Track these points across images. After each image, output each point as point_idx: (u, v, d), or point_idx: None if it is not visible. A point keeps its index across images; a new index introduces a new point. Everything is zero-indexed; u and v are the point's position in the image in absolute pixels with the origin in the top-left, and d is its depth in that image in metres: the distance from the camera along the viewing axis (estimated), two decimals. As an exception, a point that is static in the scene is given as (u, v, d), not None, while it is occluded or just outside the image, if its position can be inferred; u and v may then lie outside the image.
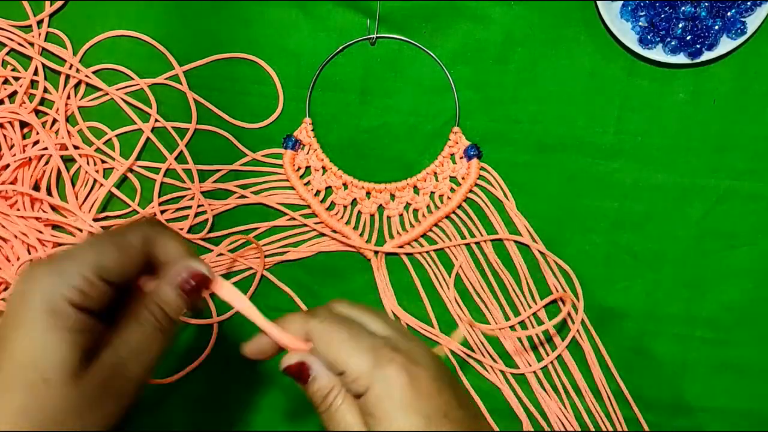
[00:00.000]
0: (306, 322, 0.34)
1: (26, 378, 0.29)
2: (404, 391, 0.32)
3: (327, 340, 0.33)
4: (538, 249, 0.52)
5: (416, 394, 0.32)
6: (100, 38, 0.52)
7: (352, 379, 0.32)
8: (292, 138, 0.53)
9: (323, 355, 0.33)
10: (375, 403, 0.32)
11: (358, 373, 0.32)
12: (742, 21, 0.48)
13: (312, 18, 0.52)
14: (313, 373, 0.34)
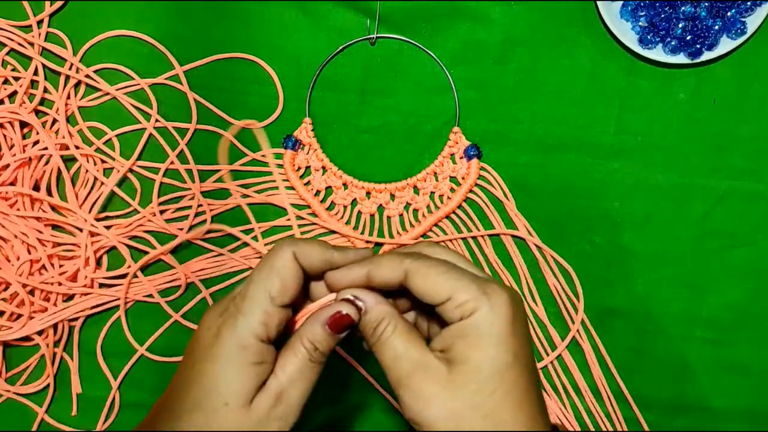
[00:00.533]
0: (401, 261, 0.35)
1: (210, 402, 0.34)
2: (505, 323, 0.33)
3: (426, 272, 0.34)
4: (534, 243, 0.52)
5: (513, 331, 0.33)
6: (100, 38, 0.52)
7: (459, 303, 0.33)
8: (292, 138, 0.53)
9: (423, 287, 0.34)
10: (475, 328, 0.33)
11: (468, 296, 0.33)
12: (742, 21, 0.48)
13: (312, 18, 0.52)
14: (365, 307, 0.36)
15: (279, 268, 0.35)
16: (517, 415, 0.33)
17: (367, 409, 0.55)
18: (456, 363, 0.33)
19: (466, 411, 0.32)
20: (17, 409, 0.55)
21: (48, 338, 0.54)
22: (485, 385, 0.32)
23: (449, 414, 0.32)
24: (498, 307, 0.33)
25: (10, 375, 0.55)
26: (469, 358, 0.33)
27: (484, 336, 0.33)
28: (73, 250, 0.53)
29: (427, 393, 0.33)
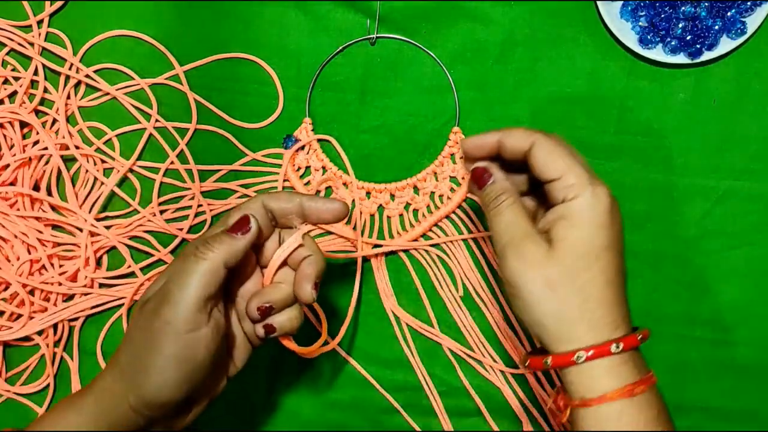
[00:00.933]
0: (531, 133, 0.39)
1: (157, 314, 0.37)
2: (603, 212, 0.36)
3: (550, 149, 0.38)
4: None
5: (609, 220, 0.36)
6: (100, 38, 0.52)
7: (568, 184, 0.37)
8: (292, 138, 0.53)
9: (543, 161, 0.38)
10: (577, 210, 0.36)
11: (576, 180, 0.37)
12: (742, 21, 0.48)
13: (312, 18, 0.52)
14: (492, 178, 0.40)
15: (252, 210, 0.39)
16: (605, 293, 0.36)
17: (367, 408, 0.55)
18: (556, 241, 0.37)
19: (559, 280, 0.36)
20: (17, 409, 0.55)
21: (48, 338, 0.54)
22: (579, 262, 0.36)
23: (544, 280, 0.36)
24: (599, 196, 0.36)
25: (10, 375, 0.55)
26: (567, 237, 0.36)
27: (584, 218, 0.36)
28: (73, 250, 0.53)
29: (529, 257, 0.36)
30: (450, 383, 0.54)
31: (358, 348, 0.54)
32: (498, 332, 0.53)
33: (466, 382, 0.54)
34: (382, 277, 0.54)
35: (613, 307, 0.36)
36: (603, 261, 0.36)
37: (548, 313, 0.36)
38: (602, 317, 0.36)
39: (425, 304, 0.54)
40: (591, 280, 0.36)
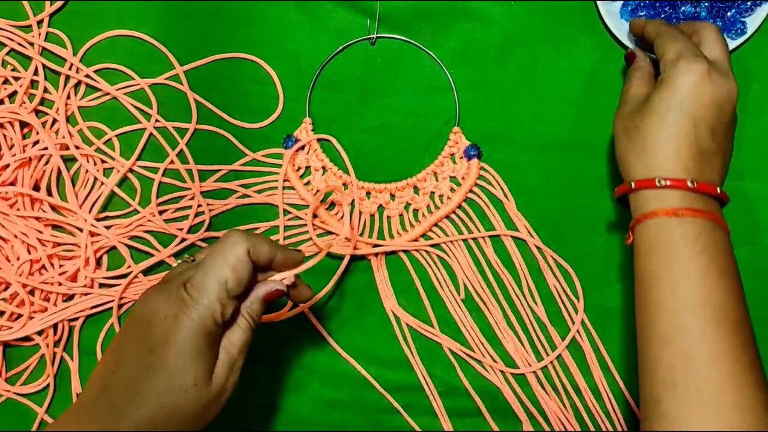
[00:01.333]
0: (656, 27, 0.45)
1: (179, 384, 0.37)
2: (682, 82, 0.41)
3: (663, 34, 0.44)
4: (535, 244, 0.52)
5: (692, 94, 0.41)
6: (100, 38, 0.52)
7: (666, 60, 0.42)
8: (292, 138, 0.53)
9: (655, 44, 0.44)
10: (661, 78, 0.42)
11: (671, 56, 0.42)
12: (742, 21, 0.48)
13: (312, 18, 0.52)
14: (636, 59, 0.47)
15: (234, 262, 0.38)
16: (664, 144, 0.41)
17: (367, 408, 0.55)
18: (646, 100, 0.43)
19: (628, 129, 0.43)
20: (17, 409, 0.55)
21: (48, 338, 0.54)
22: (648, 117, 0.41)
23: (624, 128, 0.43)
24: (683, 70, 0.41)
25: (10, 375, 0.55)
26: (651, 98, 0.42)
27: (661, 84, 0.42)
28: (73, 250, 0.53)
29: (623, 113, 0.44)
30: (450, 383, 0.54)
31: (358, 348, 0.54)
32: (498, 332, 0.53)
33: (466, 382, 0.54)
34: (382, 277, 0.54)
35: (677, 157, 0.40)
36: (666, 119, 0.41)
37: (621, 153, 0.43)
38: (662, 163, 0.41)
39: (425, 304, 0.54)
40: (651, 131, 0.41)
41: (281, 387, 0.55)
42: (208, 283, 0.38)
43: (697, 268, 0.39)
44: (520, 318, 0.53)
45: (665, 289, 0.39)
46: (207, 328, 0.37)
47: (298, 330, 0.55)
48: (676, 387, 0.37)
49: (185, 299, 0.37)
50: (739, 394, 0.36)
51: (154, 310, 0.37)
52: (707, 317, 0.38)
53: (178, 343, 0.36)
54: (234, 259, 0.38)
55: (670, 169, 0.40)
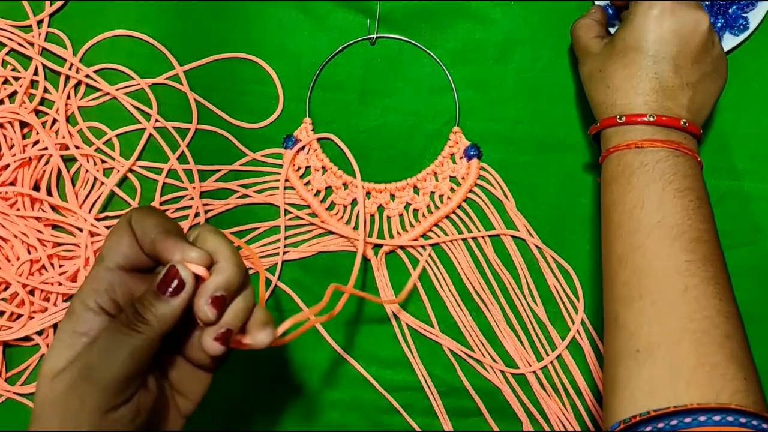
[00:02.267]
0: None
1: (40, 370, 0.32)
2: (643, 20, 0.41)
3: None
4: (535, 243, 0.52)
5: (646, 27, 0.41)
6: (100, 38, 0.52)
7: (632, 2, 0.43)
8: (292, 138, 0.53)
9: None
10: (624, 17, 0.44)
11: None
12: (744, 17, 0.48)
13: (312, 18, 0.52)
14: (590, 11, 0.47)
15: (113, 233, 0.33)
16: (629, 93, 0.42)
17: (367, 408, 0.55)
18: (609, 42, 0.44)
19: (593, 71, 0.44)
20: (17, 409, 0.55)
21: (48, 338, 0.54)
22: (609, 58, 0.43)
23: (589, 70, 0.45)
24: (644, 9, 0.41)
25: (10, 375, 0.55)
26: (613, 38, 0.43)
27: (624, 24, 0.42)
28: (73, 250, 0.53)
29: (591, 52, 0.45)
30: (450, 383, 0.54)
31: (358, 348, 0.54)
32: (498, 332, 0.53)
33: (466, 382, 0.54)
34: (382, 277, 0.54)
35: (636, 93, 0.41)
36: (626, 57, 0.41)
37: (590, 97, 0.45)
38: (623, 101, 0.42)
39: (425, 304, 0.54)
40: (612, 71, 0.42)
41: (281, 387, 0.55)
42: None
43: (654, 190, 0.40)
44: (520, 318, 0.53)
45: (624, 213, 0.40)
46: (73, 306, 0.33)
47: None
48: (632, 301, 0.38)
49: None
50: (695, 305, 0.37)
51: None
52: (662, 235, 0.38)
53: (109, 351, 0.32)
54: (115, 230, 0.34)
55: (630, 106, 0.42)
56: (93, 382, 0.31)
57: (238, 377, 0.55)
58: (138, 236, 0.33)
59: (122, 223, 0.34)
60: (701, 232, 0.39)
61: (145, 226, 0.33)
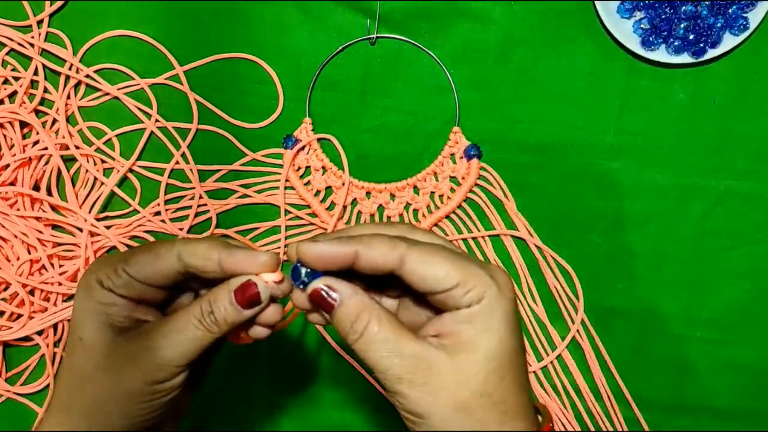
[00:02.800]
0: (394, 245, 0.32)
1: (70, 339, 0.36)
2: (512, 308, 0.32)
3: (427, 260, 0.31)
4: (535, 244, 0.52)
5: (516, 315, 0.32)
6: (100, 38, 0.52)
7: (468, 289, 0.31)
8: (292, 138, 0.53)
9: (426, 274, 0.31)
10: (485, 313, 0.31)
11: (476, 282, 0.31)
12: (744, 17, 0.48)
13: (312, 18, 0.52)
14: (339, 298, 0.32)
15: (155, 250, 0.35)
16: (520, 397, 0.32)
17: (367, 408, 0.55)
18: (461, 351, 0.31)
19: (477, 399, 0.31)
20: (17, 409, 0.55)
21: (48, 338, 0.54)
22: (496, 372, 0.31)
23: (460, 404, 0.31)
24: (505, 291, 0.32)
25: (10, 375, 0.55)
26: (478, 345, 0.31)
27: (495, 321, 0.31)
28: (73, 250, 0.53)
29: (435, 386, 0.31)
30: (450, 383, 0.54)
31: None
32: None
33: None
34: (382, 277, 0.54)
35: (527, 410, 0.33)
36: (517, 366, 0.32)
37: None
38: (520, 424, 0.32)
39: (425, 304, 0.54)
40: (509, 389, 0.32)
41: (282, 387, 0.55)
42: (131, 253, 0.36)
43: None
44: (520, 318, 0.53)
45: None
46: (89, 282, 0.35)
47: (298, 329, 0.55)
48: None
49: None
50: None
51: None
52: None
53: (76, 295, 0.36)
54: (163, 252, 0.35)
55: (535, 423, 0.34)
56: (160, 356, 0.33)
57: (238, 377, 0.55)
58: (193, 266, 0.34)
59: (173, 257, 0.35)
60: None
61: (199, 252, 0.34)
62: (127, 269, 0.35)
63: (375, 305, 0.32)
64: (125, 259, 0.35)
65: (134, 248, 0.36)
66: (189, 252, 0.34)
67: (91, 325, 0.35)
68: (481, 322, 0.31)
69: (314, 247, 0.32)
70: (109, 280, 0.35)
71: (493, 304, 0.31)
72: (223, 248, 0.34)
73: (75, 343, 0.35)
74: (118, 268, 0.35)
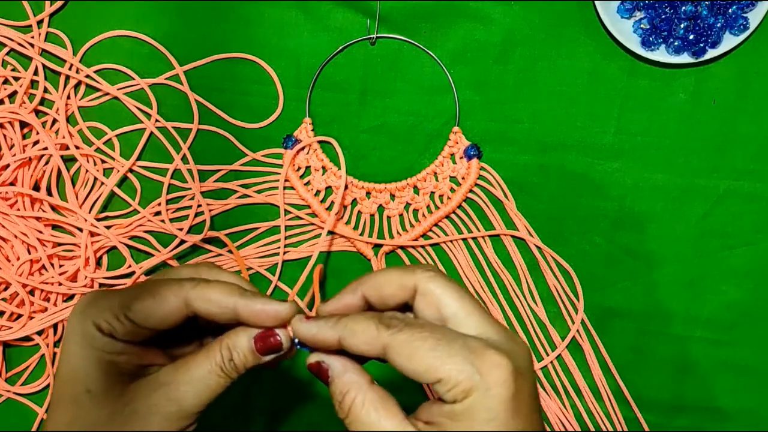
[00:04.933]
0: (379, 332, 0.31)
1: (72, 392, 0.33)
2: (504, 407, 0.29)
3: (409, 352, 0.30)
4: (535, 244, 0.52)
5: (516, 411, 0.29)
6: (100, 38, 0.52)
7: (449, 386, 0.29)
8: (292, 138, 0.53)
9: (407, 367, 0.30)
10: (468, 413, 0.29)
11: (457, 380, 0.29)
12: (744, 17, 0.48)
13: (312, 18, 0.52)
14: (331, 374, 0.32)
15: (162, 298, 0.33)
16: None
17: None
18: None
19: None
20: (17, 409, 0.55)
21: (48, 338, 0.54)
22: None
23: None
24: (496, 388, 0.29)
25: (10, 375, 0.55)
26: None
27: (481, 420, 0.29)
28: (73, 250, 0.53)
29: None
30: (450, 383, 0.54)
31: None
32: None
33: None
34: (382, 277, 0.54)
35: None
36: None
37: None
38: None
39: (425, 304, 0.54)
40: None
41: (282, 387, 0.55)
42: (123, 293, 0.34)
43: None
44: (520, 318, 0.53)
45: None
46: (87, 331, 0.33)
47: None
48: None
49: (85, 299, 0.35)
50: None
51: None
52: None
53: (67, 342, 0.34)
54: (162, 286, 0.34)
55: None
56: (180, 405, 0.33)
57: (239, 378, 0.55)
58: (204, 313, 0.33)
59: (176, 299, 0.33)
60: None
61: (213, 298, 0.33)
62: (130, 317, 0.33)
63: (364, 384, 0.32)
64: (126, 304, 0.33)
65: (134, 289, 0.34)
66: (201, 298, 0.33)
67: (99, 377, 0.33)
68: (467, 420, 0.29)
69: (305, 328, 0.32)
70: (110, 326, 0.33)
71: (477, 405, 0.29)
72: (240, 296, 0.33)
73: (80, 396, 0.33)
74: (120, 316, 0.33)
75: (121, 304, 0.33)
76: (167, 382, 0.33)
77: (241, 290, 0.33)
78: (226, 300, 0.33)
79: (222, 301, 0.33)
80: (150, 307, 0.33)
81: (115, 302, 0.33)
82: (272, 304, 0.33)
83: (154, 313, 0.33)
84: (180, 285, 0.34)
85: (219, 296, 0.33)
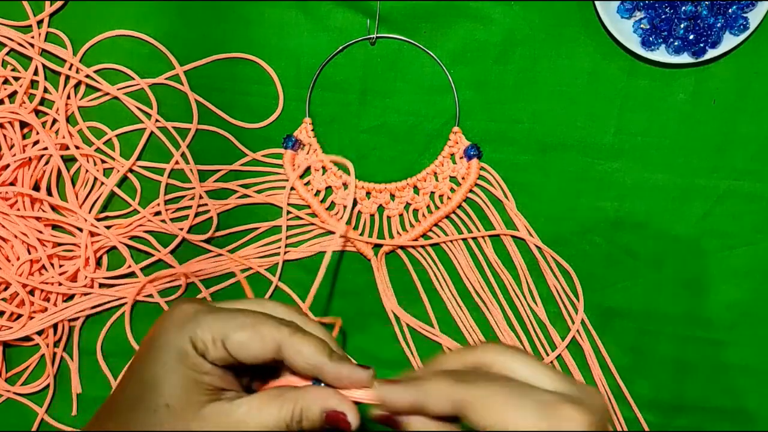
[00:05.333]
0: (453, 390, 0.31)
1: (150, 401, 0.33)
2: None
3: (486, 405, 0.30)
4: (535, 244, 0.52)
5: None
6: (100, 38, 0.52)
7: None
8: (292, 138, 0.53)
9: (483, 423, 0.30)
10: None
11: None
12: (744, 17, 0.48)
13: (312, 18, 0.52)
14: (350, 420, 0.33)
15: (258, 336, 0.33)
16: None
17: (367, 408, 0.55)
18: None
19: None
20: (17, 409, 0.55)
21: (48, 338, 0.54)
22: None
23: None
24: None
25: (10, 375, 0.55)
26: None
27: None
28: (73, 250, 0.53)
29: None
30: (450, 383, 0.54)
31: (358, 348, 0.54)
32: (498, 332, 0.53)
33: (466, 382, 0.53)
34: (382, 277, 0.54)
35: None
36: None
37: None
38: None
39: (425, 304, 0.54)
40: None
41: (281, 387, 0.55)
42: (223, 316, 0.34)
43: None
44: (520, 318, 0.53)
45: None
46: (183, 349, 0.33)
47: (298, 330, 0.55)
48: None
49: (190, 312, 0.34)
50: None
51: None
52: None
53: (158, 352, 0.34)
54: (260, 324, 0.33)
55: None
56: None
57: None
58: (291, 362, 0.33)
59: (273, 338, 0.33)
60: None
61: (305, 351, 0.33)
62: (227, 345, 0.33)
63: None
64: (226, 332, 0.33)
65: (234, 317, 0.34)
66: (293, 348, 0.33)
67: (180, 394, 0.33)
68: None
69: (382, 395, 0.34)
70: (205, 347, 0.33)
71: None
72: (328, 358, 0.33)
73: (158, 408, 0.33)
74: (217, 341, 0.33)
75: (221, 330, 0.33)
76: (238, 420, 0.33)
77: (330, 351, 0.34)
78: (316, 358, 0.33)
79: (311, 358, 0.33)
80: (247, 342, 0.33)
81: (216, 326, 0.33)
82: (358, 372, 0.34)
83: (249, 348, 0.33)
84: (279, 328, 0.34)
85: (310, 352, 0.33)
